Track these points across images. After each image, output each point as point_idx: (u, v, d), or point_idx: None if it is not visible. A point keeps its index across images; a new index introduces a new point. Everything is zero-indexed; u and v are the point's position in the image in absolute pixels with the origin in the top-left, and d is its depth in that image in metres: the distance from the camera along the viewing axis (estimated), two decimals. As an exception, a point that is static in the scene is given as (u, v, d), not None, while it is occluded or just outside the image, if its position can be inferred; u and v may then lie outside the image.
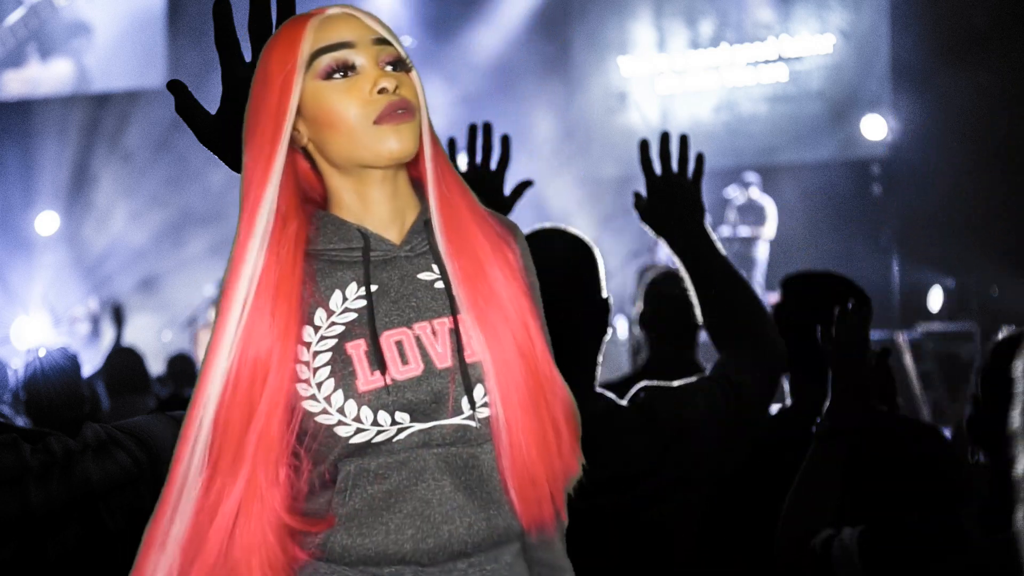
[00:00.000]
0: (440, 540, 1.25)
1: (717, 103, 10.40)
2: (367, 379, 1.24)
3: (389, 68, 1.27)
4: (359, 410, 1.24)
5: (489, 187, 2.19)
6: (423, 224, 1.32)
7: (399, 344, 1.27)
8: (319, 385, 1.24)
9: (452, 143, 2.27)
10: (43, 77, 12.16)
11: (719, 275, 2.06)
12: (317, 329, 1.26)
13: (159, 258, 11.26)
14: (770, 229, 9.46)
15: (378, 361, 1.24)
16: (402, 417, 1.25)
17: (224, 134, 1.33)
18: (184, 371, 6.12)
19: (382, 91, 1.24)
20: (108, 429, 1.18)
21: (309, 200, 1.33)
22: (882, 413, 2.25)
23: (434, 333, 1.28)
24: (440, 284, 1.30)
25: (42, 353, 3.37)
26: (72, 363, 3.42)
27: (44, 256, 11.35)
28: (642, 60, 10.67)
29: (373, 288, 1.27)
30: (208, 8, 1.31)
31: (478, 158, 2.20)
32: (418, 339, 1.27)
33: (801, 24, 10.14)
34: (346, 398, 1.24)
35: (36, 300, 10.41)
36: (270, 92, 1.25)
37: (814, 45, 10.06)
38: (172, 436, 1.14)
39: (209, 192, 10.30)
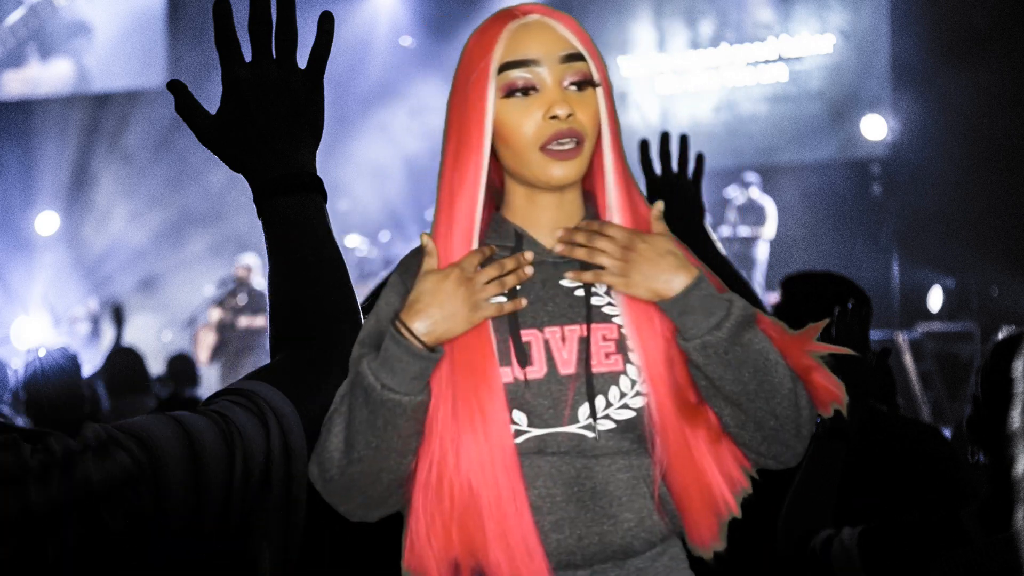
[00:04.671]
0: (548, 548, 1.24)
1: (717, 103, 10.39)
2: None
3: (573, 88, 1.28)
4: None
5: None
6: None
7: (527, 345, 1.27)
8: None
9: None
10: (43, 77, 12.16)
11: (719, 275, 2.06)
12: None
13: (159, 258, 11.26)
14: (770, 229, 9.46)
15: (516, 357, 1.25)
16: (519, 417, 1.25)
17: (224, 134, 1.33)
18: (184, 371, 6.12)
19: (555, 117, 1.26)
20: (108, 429, 1.18)
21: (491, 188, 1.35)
22: (882, 413, 2.25)
23: (563, 339, 1.27)
24: (580, 292, 1.30)
25: (42, 353, 3.37)
26: (72, 363, 3.42)
27: (44, 256, 11.34)
28: (642, 60, 10.66)
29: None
30: (208, 8, 1.30)
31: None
32: (546, 343, 1.27)
33: (801, 24, 10.13)
34: None
35: (36, 300, 10.40)
36: (467, 97, 1.28)
37: (814, 45, 10.06)
38: (172, 436, 1.13)
39: (209, 192, 10.29)
